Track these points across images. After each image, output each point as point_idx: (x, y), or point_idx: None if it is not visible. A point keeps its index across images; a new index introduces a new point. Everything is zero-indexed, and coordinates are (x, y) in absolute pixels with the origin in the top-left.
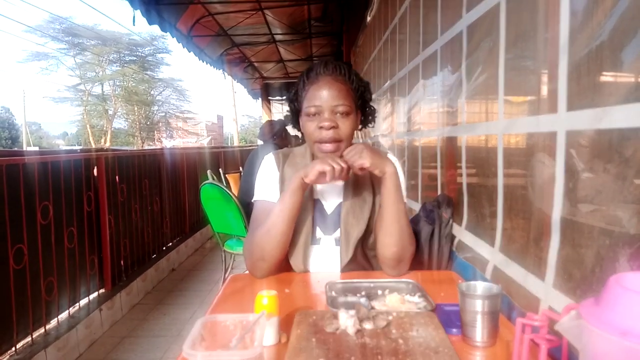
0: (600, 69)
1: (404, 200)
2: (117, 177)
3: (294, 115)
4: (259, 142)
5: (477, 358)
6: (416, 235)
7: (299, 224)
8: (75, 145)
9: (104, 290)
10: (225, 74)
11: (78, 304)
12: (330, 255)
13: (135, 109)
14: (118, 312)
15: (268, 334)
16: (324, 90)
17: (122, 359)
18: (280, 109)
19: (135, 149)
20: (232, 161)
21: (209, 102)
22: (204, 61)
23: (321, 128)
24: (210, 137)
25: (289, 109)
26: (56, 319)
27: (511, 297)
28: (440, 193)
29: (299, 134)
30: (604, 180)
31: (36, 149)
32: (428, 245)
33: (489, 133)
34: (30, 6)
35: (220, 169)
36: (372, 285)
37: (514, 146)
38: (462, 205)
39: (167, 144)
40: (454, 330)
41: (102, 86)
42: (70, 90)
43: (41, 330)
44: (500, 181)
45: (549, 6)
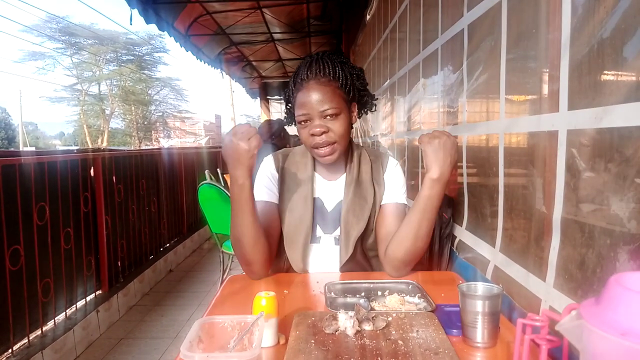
0: (601, 67)
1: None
2: (114, 178)
3: (291, 116)
4: None
5: (478, 359)
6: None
7: (298, 223)
8: (72, 146)
9: (101, 292)
10: (224, 73)
11: (75, 306)
12: (330, 254)
13: (133, 108)
14: (115, 314)
15: (266, 336)
16: (310, 97)
17: None
18: (279, 109)
19: (132, 149)
20: None
21: (207, 102)
22: (202, 60)
23: (312, 135)
24: (208, 137)
25: (286, 110)
26: (53, 320)
27: (512, 298)
28: None
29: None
30: (605, 180)
31: (33, 149)
32: (428, 246)
33: (490, 132)
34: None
35: (218, 169)
36: (372, 286)
37: (515, 145)
38: (463, 205)
39: (165, 143)
40: (455, 331)
41: (99, 86)
42: (67, 90)
43: (38, 332)
44: (501, 181)
45: (550, 5)
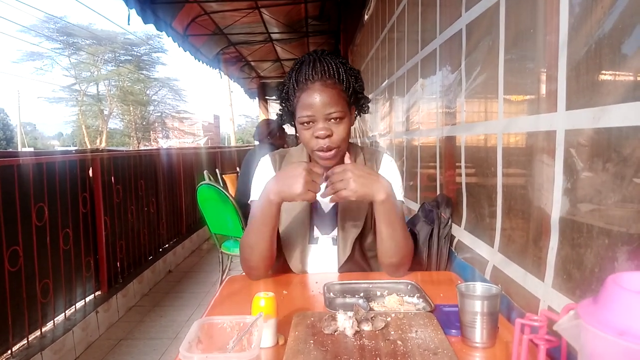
0: (599, 67)
1: (401, 211)
2: (113, 178)
3: (289, 115)
4: (255, 142)
5: (477, 359)
6: (415, 236)
7: (296, 224)
8: (70, 146)
9: (100, 293)
10: (222, 73)
11: (74, 306)
12: (328, 255)
13: (131, 109)
14: (114, 315)
15: (265, 336)
16: (315, 99)
17: None
18: (277, 109)
19: (131, 149)
20: (229, 161)
21: (205, 102)
22: (200, 60)
23: (317, 137)
24: (206, 137)
25: (281, 108)
26: (52, 321)
27: (510, 298)
28: (439, 193)
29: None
30: (603, 180)
31: (31, 149)
32: (427, 246)
33: (488, 132)
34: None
35: (217, 170)
36: (371, 286)
37: (513, 145)
38: (462, 205)
39: (163, 144)
40: (453, 331)
41: (97, 86)
42: (65, 90)
43: (37, 332)
44: (500, 181)
45: (547, 5)
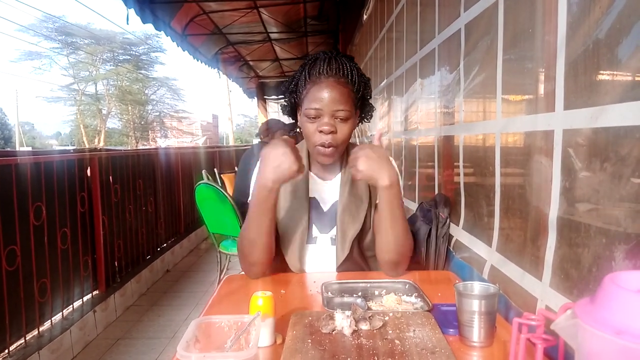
0: (597, 67)
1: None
2: (111, 178)
3: (292, 108)
4: (254, 142)
5: (474, 358)
6: (413, 235)
7: (295, 223)
8: (68, 145)
9: (97, 292)
10: (220, 73)
11: (72, 306)
12: (327, 254)
13: (129, 108)
14: (112, 314)
15: (263, 335)
16: (326, 94)
17: None
18: (277, 108)
19: (129, 148)
20: (228, 161)
21: (204, 102)
22: (199, 60)
23: (321, 132)
24: (205, 137)
25: (286, 99)
26: (50, 320)
27: (508, 297)
28: (437, 193)
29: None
30: (601, 179)
31: (29, 149)
32: (425, 245)
33: (486, 132)
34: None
35: (215, 169)
36: (369, 285)
37: (511, 145)
38: (460, 204)
39: (162, 143)
40: (451, 330)
41: (96, 85)
42: (64, 89)
43: (34, 332)
44: (498, 180)
45: (546, 5)
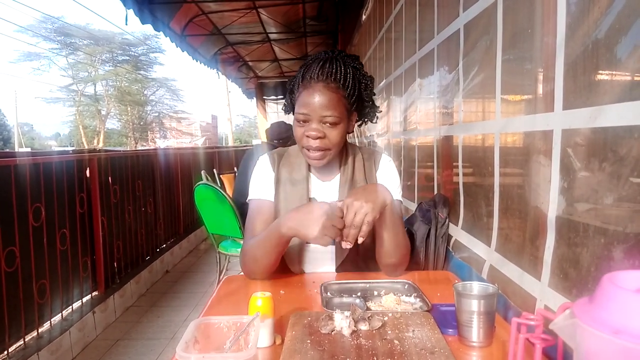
0: (595, 67)
1: (399, 211)
2: (110, 178)
3: (291, 108)
4: (254, 142)
5: (473, 358)
6: (412, 236)
7: None
8: (67, 146)
9: (97, 293)
10: (219, 73)
11: (71, 307)
12: (326, 255)
13: (129, 109)
14: (111, 315)
15: (262, 336)
16: (314, 99)
17: None
18: (276, 109)
19: (128, 149)
20: (227, 161)
21: (203, 102)
22: (198, 60)
23: (308, 137)
24: (204, 137)
25: (287, 100)
26: (49, 322)
27: (507, 297)
28: (436, 193)
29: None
30: (599, 179)
31: (28, 150)
32: (424, 246)
33: (485, 132)
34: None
35: (214, 170)
36: (368, 286)
37: (510, 145)
38: (459, 204)
39: (161, 144)
40: (450, 330)
41: (95, 86)
42: (63, 90)
43: (34, 333)
44: (497, 180)
45: (545, 5)
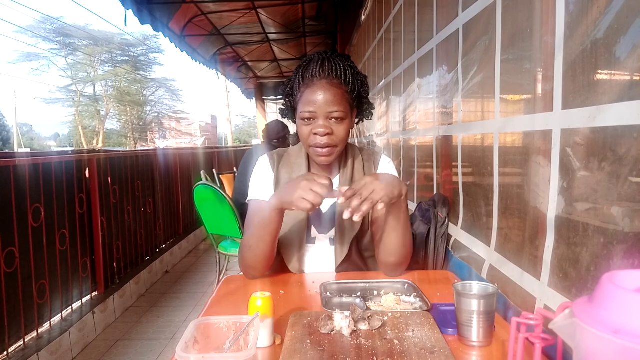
0: (595, 67)
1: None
2: (110, 179)
3: (291, 111)
4: (254, 142)
5: (473, 358)
6: (412, 236)
7: (293, 224)
8: (67, 147)
9: (97, 293)
10: (219, 73)
11: (71, 307)
12: (326, 255)
13: (128, 109)
14: (111, 315)
15: (262, 336)
16: (319, 96)
17: None
18: (275, 109)
19: (127, 149)
20: (226, 162)
21: (202, 102)
22: (197, 61)
23: (315, 134)
24: (203, 138)
25: (284, 103)
26: (49, 322)
27: (507, 297)
28: (436, 192)
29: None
30: (599, 179)
31: (27, 150)
32: (424, 245)
33: (485, 132)
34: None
35: (214, 170)
36: (368, 285)
37: (509, 145)
38: (458, 204)
39: (160, 144)
40: (450, 330)
41: (94, 87)
42: (62, 91)
43: (33, 334)
44: (496, 180)
45: (544, 5)
